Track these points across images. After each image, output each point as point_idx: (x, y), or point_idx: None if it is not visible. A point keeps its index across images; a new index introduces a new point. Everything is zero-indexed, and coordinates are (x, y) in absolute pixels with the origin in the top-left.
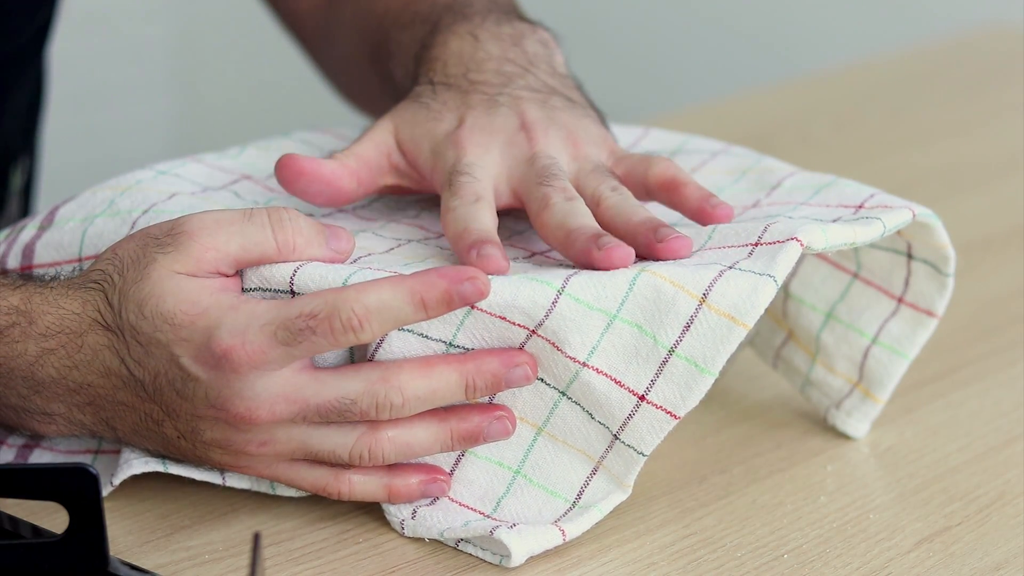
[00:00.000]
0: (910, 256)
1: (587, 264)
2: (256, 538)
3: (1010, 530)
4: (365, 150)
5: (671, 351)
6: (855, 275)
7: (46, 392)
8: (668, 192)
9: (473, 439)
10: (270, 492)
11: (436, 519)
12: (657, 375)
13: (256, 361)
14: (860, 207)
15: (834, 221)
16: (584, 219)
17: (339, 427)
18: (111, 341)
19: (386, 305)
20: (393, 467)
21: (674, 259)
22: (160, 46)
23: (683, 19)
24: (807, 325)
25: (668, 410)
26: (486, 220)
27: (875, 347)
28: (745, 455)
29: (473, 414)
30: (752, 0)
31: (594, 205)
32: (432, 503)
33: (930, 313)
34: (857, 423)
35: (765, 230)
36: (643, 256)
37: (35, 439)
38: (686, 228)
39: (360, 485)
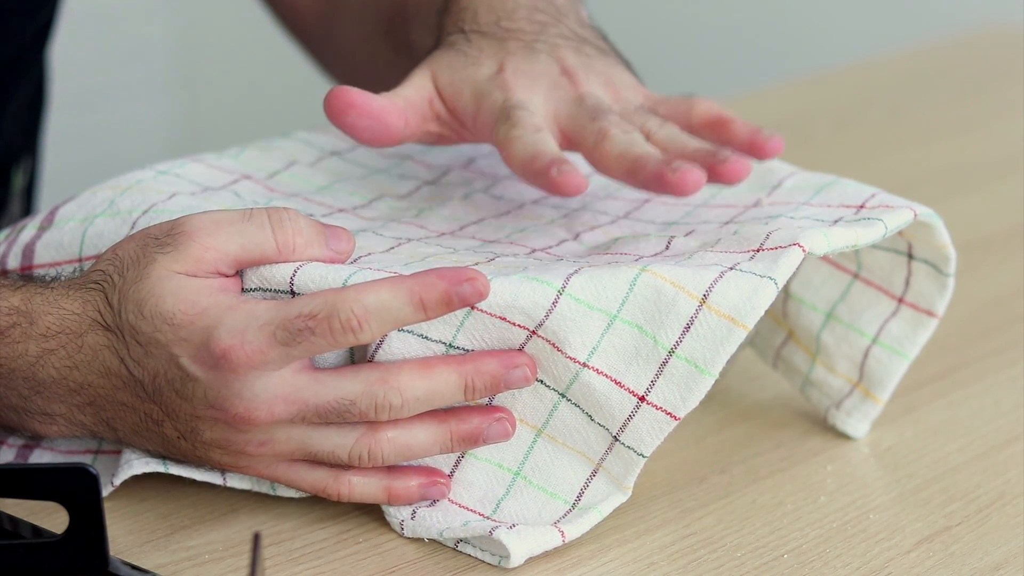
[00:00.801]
0: (911, 256)
1: (659, 188)
2: (256, 538)
3: (1010, 530)
4: (408, 94)
5: (671, 352)
6: (855, 275)
7: (47, 392)
8: (715, 129)
9: (473, 440)
10: (271, 492)
11: (436, 520)
12: (657, 376)
13: (255, 361)
14: (861, 207)
15: (836, 222)
16: (648, 147)
17: (338, 428)
18: (111, 341)
19: (385, 306)
20: (393, 469)
21: (736, 180)
22: (160, 46)
23: (683, 19)
24: (807, 325)
25: (668, 411)
26: (554, 144)
27: (875, 347)
28: (745, 455)
29: (473, 416)
30: (752, 0)
31: (645, 137)
32: (432, 504)
33: (930, 313)
34: (857, 423)
35: (767, 237)
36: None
37: (35, 439)
38: (689, 238)
39: (360, 487)
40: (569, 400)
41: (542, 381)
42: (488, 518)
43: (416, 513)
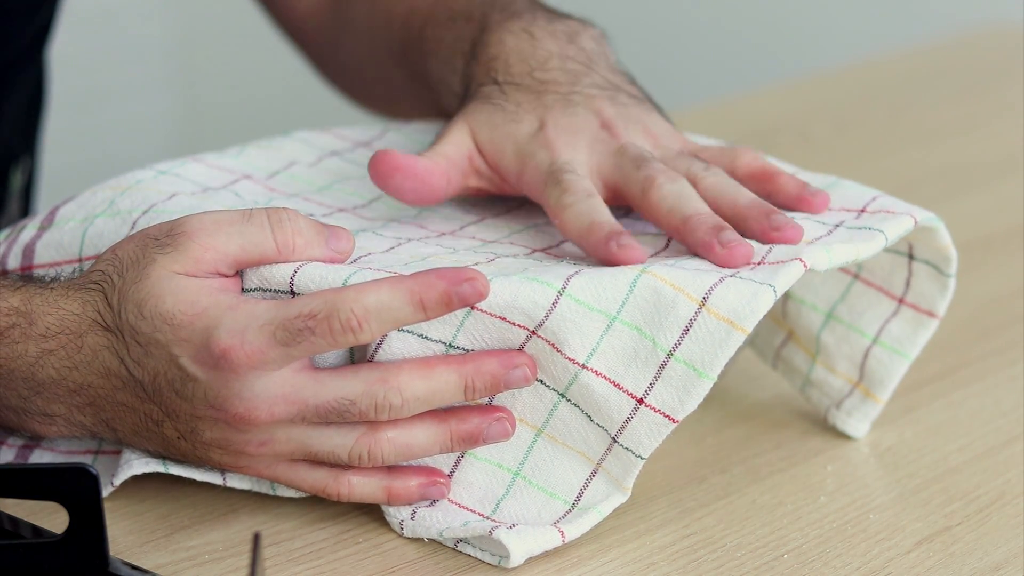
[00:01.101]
0: (911, 257)
1: (705, 255)
2: (256, 538)
3: (1010, 530)
4: (449, 151)
5: (670, 354)
6: (856, 276)
7: (46, 393)
8: (761, 182)
9: (473, 440)
10: (271, 493)
11: (435, 520)
12: (656, 378)
13: (255, 361)
14: (862, 211)
15: (836, 226)
16: (698, 204)
17: (339, 428)
18: (111, 342)
19: (385, 306)
20: (393, 469)
21: (789, 245)
22: (160, 46)
23: (683, 19)
24: (807, 325)
25: (666, 414)
26: (607, 212)
27: (876, 347)
28: (745, 455)
29: (472, 415)
30: (752, 0)
31: (692, 185)
32: (432, 504)
33: (931, 314)
34: (857, 423)
35: (769, 251)
36: (753, 238)
37: (35, 440)
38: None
39: (359, 487)
40: (569, 400)
41: (542, 381)
42: (488, 518)
43: (416, 513)
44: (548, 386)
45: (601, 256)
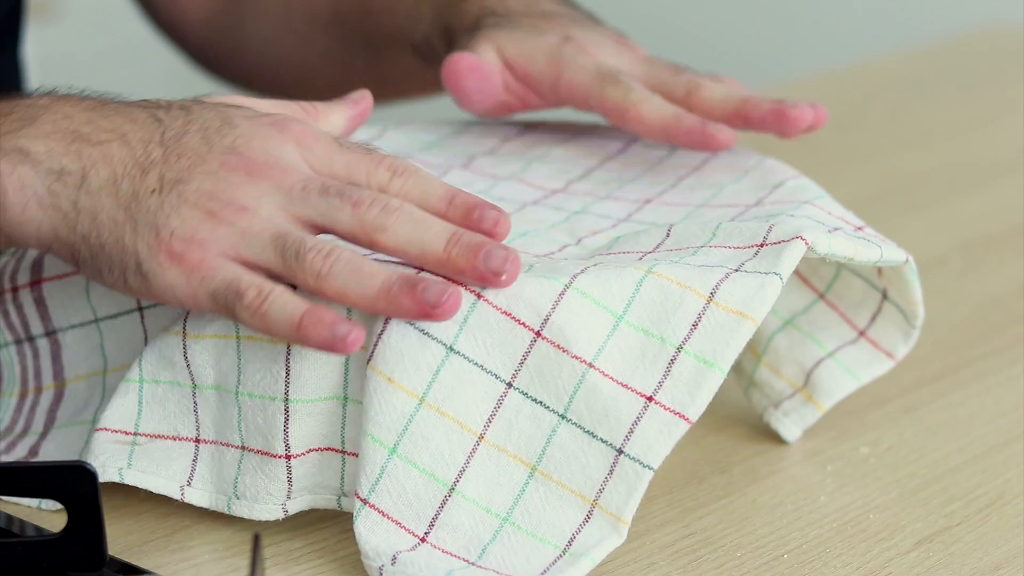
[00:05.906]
0: (885, 296)
1: (774, 126)
2: (256, 538)
3: (1010, 530)
4: (488, 60)
5: (679, 348)
6: (821, 295)
7: (41, 122)
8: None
9: (411, 286)
10: (225, 512)
11: (417, 566)
12: (665, 375)
13: (303, 144)
14: (860, 228)
15: (835, 230)
16: (748, 91)
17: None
18: (150, 108)
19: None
20: (316, 305)
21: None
22: (160, 46)
23: (684, 19)
24: (763, 327)
25: (677, 411)
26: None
27: (830, 360)
28: (745, 455)
29: (432, 280)
30: (753, 0)
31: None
32: (413, 548)
33: (890, 355)
34: (792, 425)
35: (770, 230)
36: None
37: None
38: (691, 223)
39: (278, 302)
40: (569, 420)
41: (542, 403)
42: (473, 564)
43: (397, 558)
44: (548, 407)
45: (694, 141)
